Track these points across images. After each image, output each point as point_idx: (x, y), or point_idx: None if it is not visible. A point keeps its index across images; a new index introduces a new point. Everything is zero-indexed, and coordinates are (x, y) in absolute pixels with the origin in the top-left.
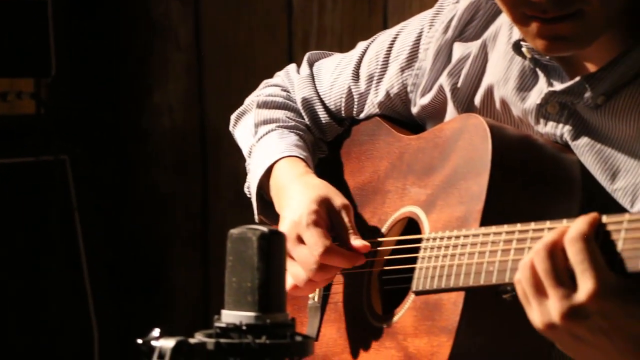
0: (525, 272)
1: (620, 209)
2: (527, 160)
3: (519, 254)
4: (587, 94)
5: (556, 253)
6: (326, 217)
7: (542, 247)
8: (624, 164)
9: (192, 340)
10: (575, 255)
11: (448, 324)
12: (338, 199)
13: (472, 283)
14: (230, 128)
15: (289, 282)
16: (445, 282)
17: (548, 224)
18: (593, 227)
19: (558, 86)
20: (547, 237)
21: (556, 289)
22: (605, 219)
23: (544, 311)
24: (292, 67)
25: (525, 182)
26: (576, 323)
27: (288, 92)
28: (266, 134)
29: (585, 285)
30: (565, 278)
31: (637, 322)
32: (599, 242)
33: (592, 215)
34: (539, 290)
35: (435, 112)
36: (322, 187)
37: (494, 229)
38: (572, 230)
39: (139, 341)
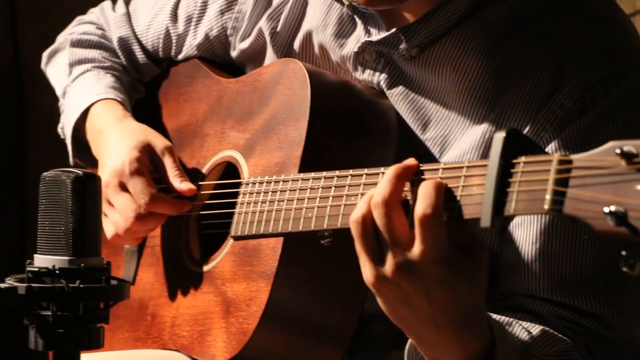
0: (358, 225)
1: (431, 158)
2: (346, 107)
3: (337, 201)
4: (402, 46)
5: (395, 208)
6: (148, 163)
7: (381, 202)
8: (435, 115)
9: (2, 285)
10: (418, 214)
11: (266, 269)
12: (160, 142)
13: (290, 229)
14: (43, 66)
15: (111, 230)
16: (264, 227)
17: (366, 170)
18: (441, 192)
19: (375, 36)
20: (386, 191)
21: (393, 244)
22: (467, 164)
23: (377, 264)
24: (107, 4)
25: (344, 128)
26: (406, 279)
27: (103, 30)
28: (81, 74)
29: (422, 247)
30: (402, 234)
31: (458, 296)
32: (459, 191)
33: (439, 182)
34: (373, 243)
35: (254, 56)
36: (141, 132)
37: (313, 174)
38: (421, 192)
39: None
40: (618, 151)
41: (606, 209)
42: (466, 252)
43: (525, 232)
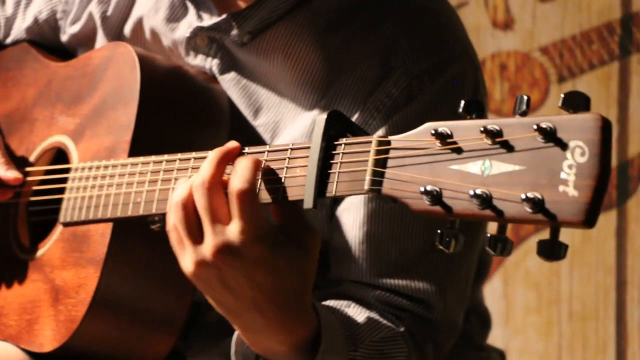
0: (178, 209)
1: (263, 144)
2: (176, 91)
3: (166, 184)
4: (234, 32)
5: (216, 189)
6: None
7: (201, 183)
8: (267, 101)
9: None
10: (237, 196)
11: (95, 255)
12: None
13: (120, 214)
14: None
15: None
16: (94, 213)
17: (194, 154)
18: (256, 169)
19: (206, 21)
20: (207, 172)
21: (213, 225)
22: (292, 145)
23: (197, 247)
24: None
25: (175, 112)
26: (225, 261)
27: None
28: None
29: (242, 227)
30: (222, 215)
31: (280, 279)
32: (284, 173)
33: (256, 159)
34: (194, 227)
35: (85, 41)
36: None
37: (142, 159)
38: (238, 170)
39: None
40: (433, 132)
41: (422, 189)
42: (295, 237)
43: (353, 217)
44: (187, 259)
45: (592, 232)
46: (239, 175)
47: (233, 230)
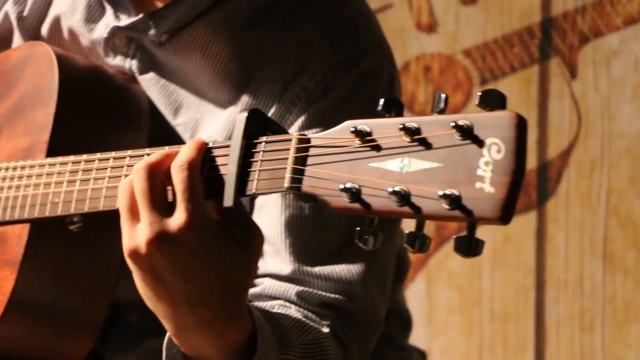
0: (122, 192)
1: (182, 144)
2: (95, 91)
3: (85, 185)
4: (152, 31)
5: (157, 175)
6: None
7: (143, 167)
8: (187, 100)
9: None
10: (178, 183)
11: (12, 256)
12: None
13: (37, 214)
14: None
15: None
16: (10, 214)
17: (113, 154)
18: (201, 155)
19: (124, 21)
20: (151, 156)
21: (149, 211)
22: (211, 145)
23: (133, 235)
24: None
25: (93, 112)
26: (160, 252)
27: None
28: None
29: (181, 215)
30: (161, 202)
31: (217, 274)
32: (204, 172)
33: (199, 141)
34: (133, 212)
35: (2, 41)
36: None
37: (60, 159)
38: (181, 156)
39: None
40: (352, 129)
41: (341, 186)
42: (238, 236)
43: (271, 211)
44: (125, 241)
45: (513, 233)
46: (181, 155)
47: (171, 218)
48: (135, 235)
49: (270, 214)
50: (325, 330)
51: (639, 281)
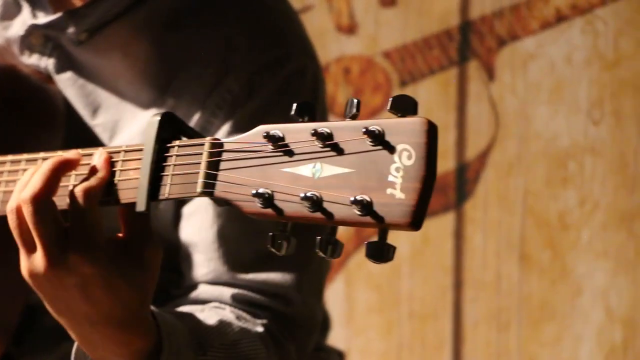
0: (11, 218)
1: (101, 144)
2: (7, 91)
3: None
4: (71, 30)
5: (47, 204)
6: None
7: (29, 199)
8: (106, 100)
9: None
10: (74, 209)
11: None
12: None
13: None
14: None
15: None
16: None
17: (25, 156)
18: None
19: (41, 19)
20: (36, 183)
21: (43, 245)
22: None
23: (30, 260)
24: None
25: (6, 113)
26: (58, 278)
27: None
28: None
29: (76, 247)
30: (56, 233)
31: (115, 295)
32: (117, 176)
33: (105, 157)
34: (27, 241)
35: None
36: None
37: None
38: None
39: None
40: (265, 134)
41: (254, 191)
42: (136, 253)
43: (201, 219)
44: (23, 264)
45: (431, 233)
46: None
47: (67, 250)
48: (33, 260)
49: (200, 223)
50: (260, 329)
51: (554, 280)
